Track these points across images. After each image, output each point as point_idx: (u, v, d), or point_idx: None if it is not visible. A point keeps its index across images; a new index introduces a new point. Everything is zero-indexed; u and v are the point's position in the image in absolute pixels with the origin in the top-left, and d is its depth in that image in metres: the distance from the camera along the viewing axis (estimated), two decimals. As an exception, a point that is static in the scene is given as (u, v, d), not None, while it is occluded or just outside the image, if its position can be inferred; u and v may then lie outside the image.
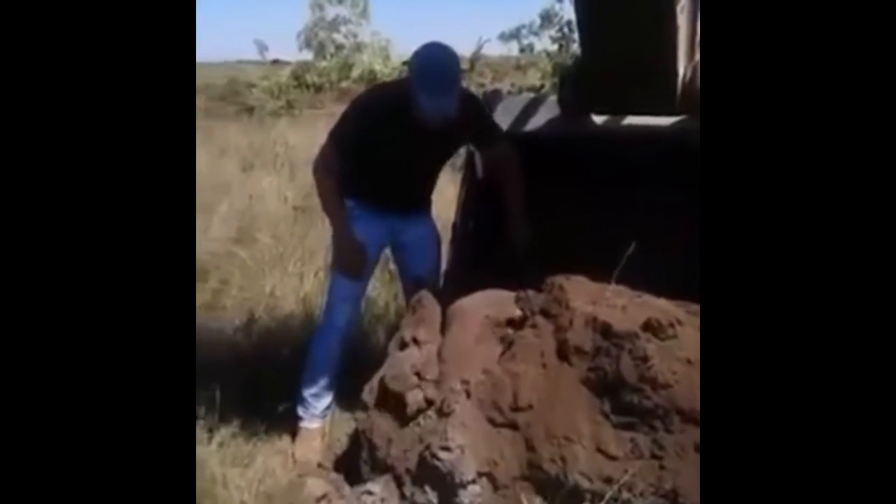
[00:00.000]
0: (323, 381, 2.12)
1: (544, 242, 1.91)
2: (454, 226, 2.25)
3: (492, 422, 1.58)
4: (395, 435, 1.72)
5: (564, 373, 1.61)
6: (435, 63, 1.88)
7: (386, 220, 2.10)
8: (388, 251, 2.29)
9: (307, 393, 2.13)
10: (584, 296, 1.77)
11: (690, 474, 1.40)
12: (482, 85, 7.73)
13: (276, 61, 11.77)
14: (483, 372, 1.64)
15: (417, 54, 1.92)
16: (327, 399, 2.16)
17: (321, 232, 3.69)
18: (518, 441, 1.58)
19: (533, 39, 7.81)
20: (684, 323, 1.63)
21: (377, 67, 11.22)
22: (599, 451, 1.51)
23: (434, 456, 1.55)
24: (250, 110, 9.24)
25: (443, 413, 1.58)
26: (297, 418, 2.14)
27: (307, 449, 2.09)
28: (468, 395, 1.61)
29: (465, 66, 8.44)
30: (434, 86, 1.84)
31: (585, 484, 1.49)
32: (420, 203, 2.18)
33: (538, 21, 7.46)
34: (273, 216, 3.95)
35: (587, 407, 1.56)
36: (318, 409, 2.14)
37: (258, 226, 3.87)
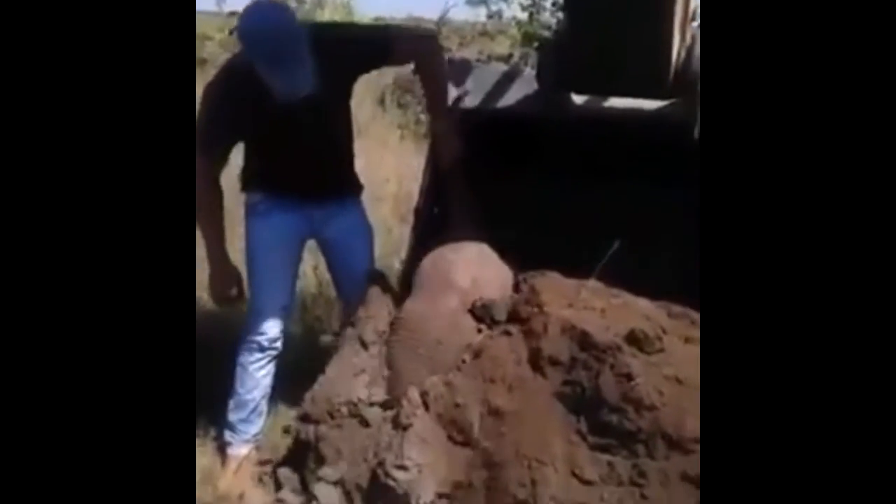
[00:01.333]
0: (251, 405, 1.89)
1: (517, 236, 1.72)
2: (416, 211, 2.03)
3: (453, 439, 1.41)
4: (345, 446, 1.53)
5: (537, 385, 1.45)
6: (267, 31, 1.56)
7: (304, 212, 1.84)
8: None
9: (234, 418, 1.89)
10: (559, 296, 1.60)
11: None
12: (448, 50, 7.44)
13: (233, 13, 11.16)
14: (444, 383, 1.46)
15: (242, 21, 1.59)
16: (258, 424, 1.92)
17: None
18: (483, 460, 1.41)
19: (502, 6, 7.52)
20: (669, 332, 1.49)
21: (339, 25, 10.76)
22: (573, 474, 1.36)
23: (388, 475, 1.38)
24: (202, 63, 8.73)
25: (398, 426, 1.41)
26: (225, 443, 1.92)
27: (237, 478, 1.86)
28: (427, 407, 1.43)
29: (430, 27, 8.13)
30: (274, 60, 1.54)
31: (555, 510, 1.35)
32: (340, 188, 1.90)
33: (508, -14, 7.19)
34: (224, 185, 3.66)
35: (561, 425, 1.40)
36: (248, 434, 1.91)
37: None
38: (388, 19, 10.06)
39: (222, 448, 1.94)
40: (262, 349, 1.87)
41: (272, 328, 1.87)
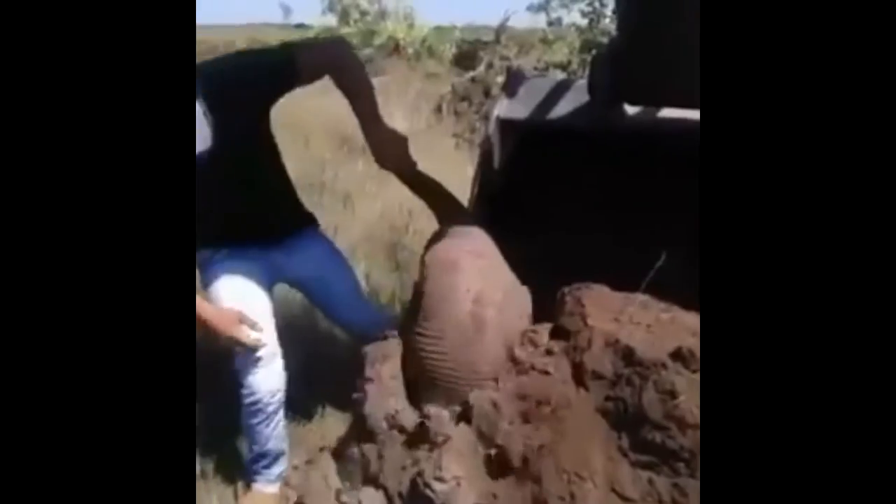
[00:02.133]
0: (271, 455, 1.85)
1: (561, 251, 1.71)
2: (465, 221, 2.05)
3: (492, 456, 1.42)
4: (387, 452, 1.56)
5: (579, 400, 1.44)
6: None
7: (263, 257, 1.76)
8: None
9: (255, 467, 1.88)
10: (605, 309, 1.59)
11: (716, 527, 1.24)
12: (507, 58, 7.45)
13: (299, 25, 11.52)
14: (491, 402, 1.46)
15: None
16: (281, 465, 1.90)
17: (329, 209, 3.54)
18: (522, 472, 1.41)
19: (562, 12, 7.48)
20: (717, 349, 1.45)
21: (400, 35, 10.92)
22: (613, 491, 1.34)
23: (427, 485, 1.39)
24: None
25: (433, 441, 1.42)
26: (249, 478, 1.92)
27: None
28: (468, 421, 1.44)
29: (489, 38, 8.15)
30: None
31: (595, 526, 1.33)
32: (289, 224, 1.81)
33: (569, -8, 7.14)
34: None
35: (602, 441, 1.39)
36: (272, 475, 1.88)
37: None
38: (448, 28, 10.16)
39: (247, 484, 1.93)
40: (264, 407, 1.76)
41: (267, 382, 1.75)
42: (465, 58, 8.31)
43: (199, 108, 1.49)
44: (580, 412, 1.43)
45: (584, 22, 6.95)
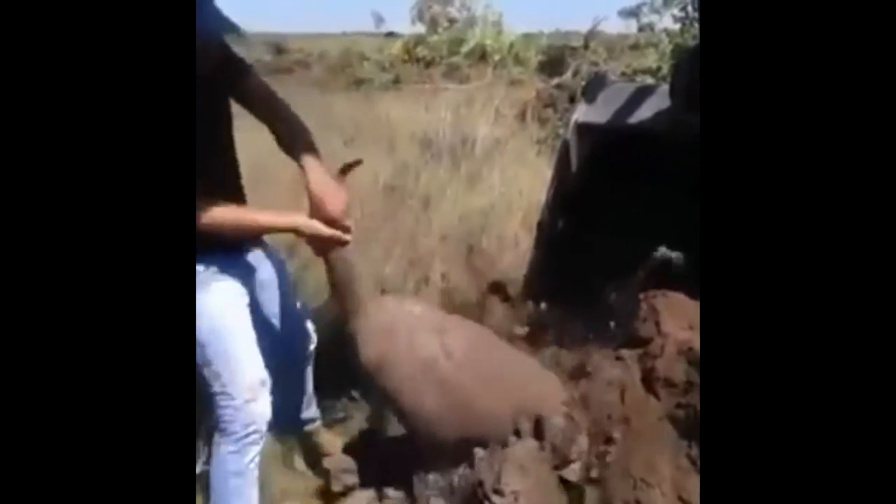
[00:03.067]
0: None
1: (633, 254, 1.70)
2: (539, 224, 2.06)
3: (556, 467, 1.41)
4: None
5: (649, 407, 1.42)
6: None
7: (241, 265, 1.54)
8: None
9: None
10: (679, 316, 1.56)
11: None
12: (595, 64, 7.34)
13: (390, 34, 11.81)
14: (566, 416, 1.47)
15: None
16: None
17: (409, 212, 3.62)
18: (586, 477, 1.41)
19: (653, 18, 7.28)
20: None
21: (488, 42, 10.97)
22: (680, 499, 1.32)
23: (486, 497, 1.41)
24: (359, 83, 9.34)
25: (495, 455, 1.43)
26: None
27: None
28: (540, 436, 1.45)
29: (578, 44, 8.06)
30: None
31: (661, 535, 1.31)
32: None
33: (661, -2, 6.94)
34: (365, 193, 3.93)
35: (671, 448, 1.37)
36: None
37: (352, 201, 3.83)
38: (536, 34, 10.13)
39: None
40: (259, 439, 1.46)
41: (257, 411, 1.44)
42: (552, 64, 8.23)
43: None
44: (650, 419, 1.42)
45: (676, 27, 6.74)
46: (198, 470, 1.53)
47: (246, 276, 1.56)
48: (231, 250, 1.53)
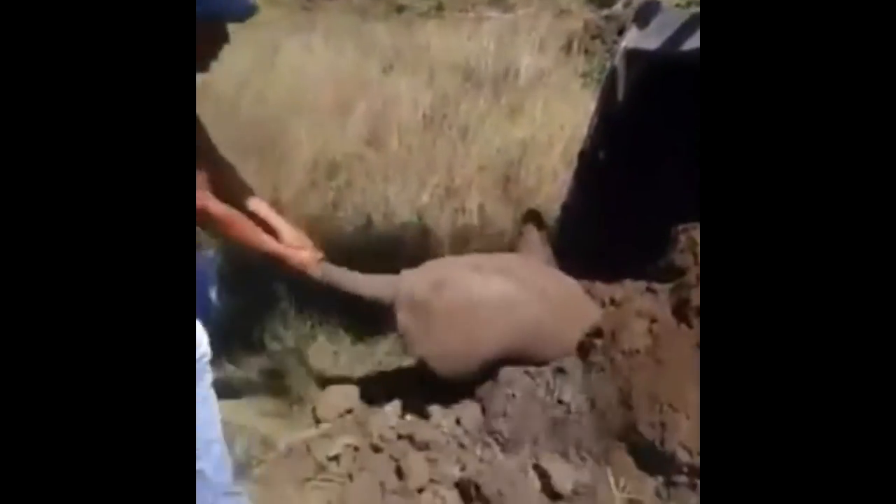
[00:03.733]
0: None
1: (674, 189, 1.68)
2: (581, 154, 2.03)
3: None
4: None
5: (681, 335, 1.44)
6: None
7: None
8: None
9: None
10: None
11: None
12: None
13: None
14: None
15: None
16: None
17: (448, 141, 3.60)
18: (618, 399, 1.45)
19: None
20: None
21: (535, -31, 10.52)
22: (706, 426, 1.36)
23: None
24: (400, 9, 9.11)
25: None
26: None
27: None
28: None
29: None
30: None
31: (684, 457, 1.35)
32: None
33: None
34: (404, 122, 3.91)
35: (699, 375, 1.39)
36: None
37: (390, 130, 3.83)
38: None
39: None
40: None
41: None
42: (603, -6, 7.91)
43: None
44: (681, 347, 1.43)
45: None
46: None
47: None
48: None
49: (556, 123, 3.49)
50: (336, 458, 1.58)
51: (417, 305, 1.54)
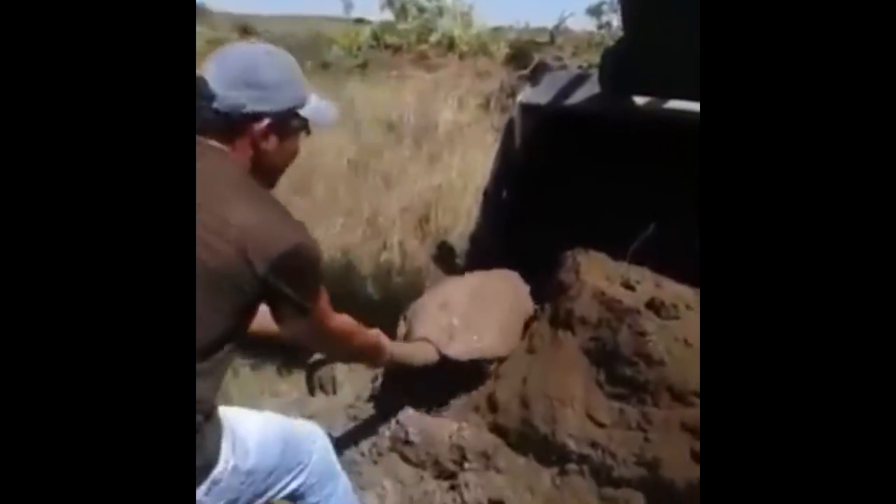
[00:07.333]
0: None
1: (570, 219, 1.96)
2: (485, 192, 2.31)
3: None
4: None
5: (567, 340, 1.68)
6: None
7: None
8: None
9: None
10: (600, 272, 1.81)
11: (672, 448, 1.45)
12: (560, 59, 7.62)
13: (359, 20, 11.86)
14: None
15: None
16: None
17: (371, 188, 3.83)
18: (521, 397, 1.67)
19: (612, 16, 7.59)
20: (693, 307, 1.65)
21: (457, 33, 11.11)
22: (589, 416, 1.58)
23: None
24: (326, 66, 9.41)
25: None
26: None
27: None
28: None
29: (545, 39, 8.32)
30: None
31: (572, 445, 1.56)
32: None
33: (619, -3, 7.23)
34: (330, 170, 4.12)
35: (583, 374, 1.62)
36: None
37: (316, 178, 4.02)
38: (506, 28, 10.29)
39: None
40: None
41: None
42: (519, 57, 8.48)
43: None
44: (566, 350, 1.67)
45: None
46: None
47: None
48: None
49: (471, 170, 3.79)
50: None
51: (444, 330, 1.69)
